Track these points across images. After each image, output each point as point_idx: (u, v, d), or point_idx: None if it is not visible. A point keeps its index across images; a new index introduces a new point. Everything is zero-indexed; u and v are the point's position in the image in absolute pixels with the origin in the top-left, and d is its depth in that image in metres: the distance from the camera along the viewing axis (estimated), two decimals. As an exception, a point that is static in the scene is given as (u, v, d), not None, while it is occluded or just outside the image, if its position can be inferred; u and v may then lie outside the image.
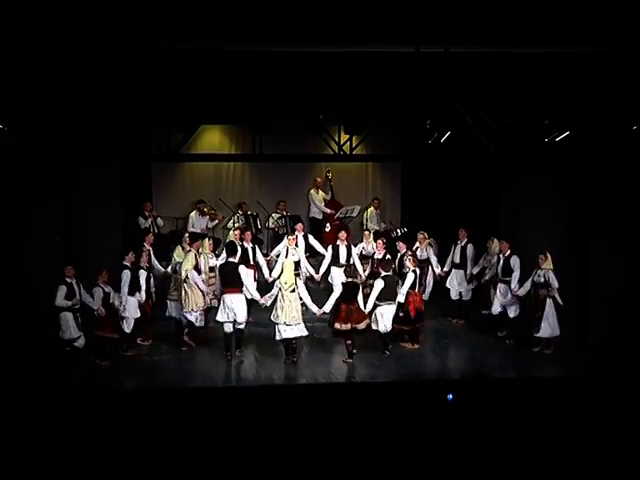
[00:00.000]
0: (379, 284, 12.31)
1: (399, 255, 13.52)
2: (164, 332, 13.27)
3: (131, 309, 12.37)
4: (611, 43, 10.80)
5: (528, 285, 12.67)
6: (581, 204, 13.14)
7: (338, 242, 14.03)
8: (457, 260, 14.20)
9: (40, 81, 11.04)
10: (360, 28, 10.23)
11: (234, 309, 12.12)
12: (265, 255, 14.40)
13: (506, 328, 13.28)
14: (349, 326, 12.07)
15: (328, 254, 14.02)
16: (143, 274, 12.62)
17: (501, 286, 13.12)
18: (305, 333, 12.14)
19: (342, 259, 13.79)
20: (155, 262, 13.40)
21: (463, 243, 14.13)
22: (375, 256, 13.90)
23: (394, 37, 10.48)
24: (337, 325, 12.12)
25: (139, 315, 12.50)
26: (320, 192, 16.84)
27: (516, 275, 12.91)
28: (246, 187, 17.01)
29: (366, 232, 14.93)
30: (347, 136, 12.72)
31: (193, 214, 15.88)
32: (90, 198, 13.96)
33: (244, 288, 12.27)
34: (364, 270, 14.00)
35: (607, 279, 12.78)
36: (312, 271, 13.87)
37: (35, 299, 11.92)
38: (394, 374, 11.88)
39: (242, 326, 12.40)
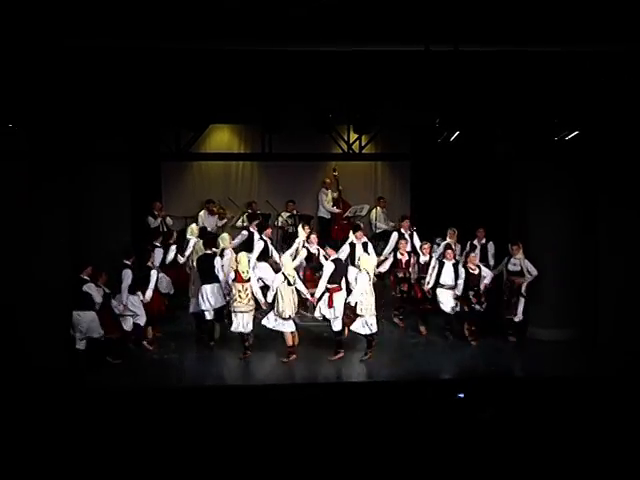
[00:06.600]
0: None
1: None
2: (174, 330, 13.30)
3: (133, 307, 12.36)
4: (621, 42, 10.79)
5: (496, 272, 13.31)
6: (591, 203, 13.13)
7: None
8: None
9: (50, 80, 11.09)
10: (369, 27, 10.24)
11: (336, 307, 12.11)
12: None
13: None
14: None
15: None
16: (154, 274, 12.58)
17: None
18: (247, 329, 12.18)
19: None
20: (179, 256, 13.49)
21: (483, 242, 14.09)
22: (421, 259, 13.71)
23: (403, 36, 10.49)
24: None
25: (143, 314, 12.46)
26: (329, 193, 16.83)
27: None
28: (255, 186, 17.00)
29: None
30: (356, 135, 12.71)
31: (202, 213, 15.89)
32: (99, 197, 13.95)
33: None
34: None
35: (617, 278, 12.76)
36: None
37: (43, 298, 11.97)
38: (403, 373, 11.91)
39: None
